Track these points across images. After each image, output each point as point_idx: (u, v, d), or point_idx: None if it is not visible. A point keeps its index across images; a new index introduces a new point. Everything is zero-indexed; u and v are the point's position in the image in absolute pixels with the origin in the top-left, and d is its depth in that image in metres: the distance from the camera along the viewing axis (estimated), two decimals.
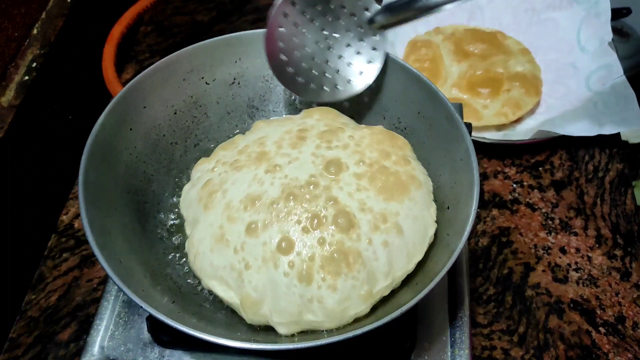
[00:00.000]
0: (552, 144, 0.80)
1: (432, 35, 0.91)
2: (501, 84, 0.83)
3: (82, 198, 0.47)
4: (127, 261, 0.48)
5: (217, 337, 0.41)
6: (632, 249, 0.71)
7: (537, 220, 0.74)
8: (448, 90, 0.85)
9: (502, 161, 0.80)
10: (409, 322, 0.55)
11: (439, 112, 0.55)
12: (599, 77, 0.82)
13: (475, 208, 0.47)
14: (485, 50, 0.87)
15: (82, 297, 0.67)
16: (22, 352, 0.63)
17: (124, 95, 0.55)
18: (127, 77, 0.92)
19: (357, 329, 0.41)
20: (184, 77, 0.60)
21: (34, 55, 0.70)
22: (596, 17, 0.85)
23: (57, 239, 0.73)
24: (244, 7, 1.03)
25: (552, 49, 0.88)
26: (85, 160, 0.49)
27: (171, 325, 0.41)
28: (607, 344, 0.63)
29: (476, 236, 0.72)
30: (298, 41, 0.56)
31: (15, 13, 0.68)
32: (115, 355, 0.54)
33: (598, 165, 0.79)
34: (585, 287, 0.68)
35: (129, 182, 0.55)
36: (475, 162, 0.50)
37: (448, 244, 0.48)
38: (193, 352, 0.54)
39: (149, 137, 0.58)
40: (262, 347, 0.42)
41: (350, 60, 0.58)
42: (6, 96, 0.66)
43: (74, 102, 0.77)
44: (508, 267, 0.69)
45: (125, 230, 0.52)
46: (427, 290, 0.43)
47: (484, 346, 0.63)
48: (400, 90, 0.59)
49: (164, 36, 0.98)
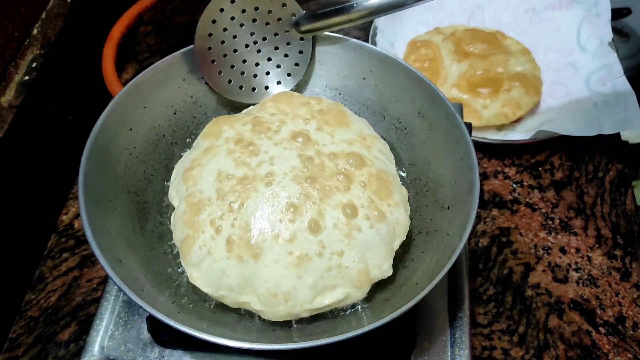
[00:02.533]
0: (552, 144, 0.80)
1: (432, 35, 0.91)
2: (501, 84, 0.83)
3: (82, 198, 0.47)
4: (127, 261, 0.48)
5: (217, 337, 0.41)
6: (632, 249, 0.71)
7: (537, 220, 0.74)
8: (448, 90, 0.85)
9: (502, 161, 0.80)
10: (409, 322, 0.55)
11: (439, 112, 0.55)
12: (599, 77, 0.82)
13: (475, 208, 0.47)
14: (485, 50, 0.87)
15: (82, 297, 0.67)
16: (22, 352, 0.63)
17: (124, 95, 0.55)
18: (127, 77, 0.92)
19: (357, 329, 0.41)
20: (184, 77, 0.60)
21: (34, 55, 0.70)
22: (596, 17, 0.85)
23: (57, 239, 0.73)
24: None
25: (552, 49, 0.88)
26: (85, 160, 0.49)
27: (171, 325, 0.41)
28: (607, 344, 0.63)
29: (476, 236, 0.72)
30: (227, 44, 0.58)
31: (15, 13, 0.68)
32: (115, 355, 0.54)
33: (598, 165, 0.79)
34: (585, 287, 0.68)
35: (129, 182, 0.55)
36: (475, 162, 0.50)
37: (448, 244, 0.48)
38: (193, 352, 0.54)
39: (149, 137, 0.58)
40: (262, 347, 0.42)
41: (279, 62, 0.61)
42: (6, 96, 0.66)
43: (74, 102, 0.77)
44: (508, 267, 0.69)
45: (125, 230, 0.52)
46: (427, 290, 0.43)
47: (484, 346, 0.63)
48: (400, 90, 0.59)
49: (164, 36, 0.98)
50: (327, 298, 0.48)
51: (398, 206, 0.50)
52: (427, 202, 0.56)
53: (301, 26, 0.59)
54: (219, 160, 0.52)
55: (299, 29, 0.59)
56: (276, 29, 0.59)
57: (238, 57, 0.59)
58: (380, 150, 0.55)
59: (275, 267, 0.46)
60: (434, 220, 0.54)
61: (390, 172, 0.53)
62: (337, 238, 0.47)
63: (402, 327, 0.54)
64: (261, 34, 0.59)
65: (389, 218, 0.49)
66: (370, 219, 0.48)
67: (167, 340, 0.54)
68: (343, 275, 0.47)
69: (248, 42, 0.59)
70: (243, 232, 0.47)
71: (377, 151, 0.54)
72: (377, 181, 0.51)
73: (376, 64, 0.60)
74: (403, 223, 0.51)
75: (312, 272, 0.46)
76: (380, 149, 0.55)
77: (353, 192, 0.49)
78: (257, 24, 0.58)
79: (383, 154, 0.55)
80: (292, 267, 0.46)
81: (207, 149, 0.54)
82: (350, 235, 0.47)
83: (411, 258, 0.53)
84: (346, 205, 0.48)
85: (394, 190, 0.51)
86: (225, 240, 0.47)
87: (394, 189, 0.51)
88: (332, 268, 0.47)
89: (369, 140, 0.55)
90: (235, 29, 0.58)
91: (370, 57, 0.60)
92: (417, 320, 0.55)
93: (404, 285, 0.50)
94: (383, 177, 0.51)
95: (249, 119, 0.56)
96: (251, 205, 0.48)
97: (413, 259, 0.53)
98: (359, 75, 0.61)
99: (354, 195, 0.49)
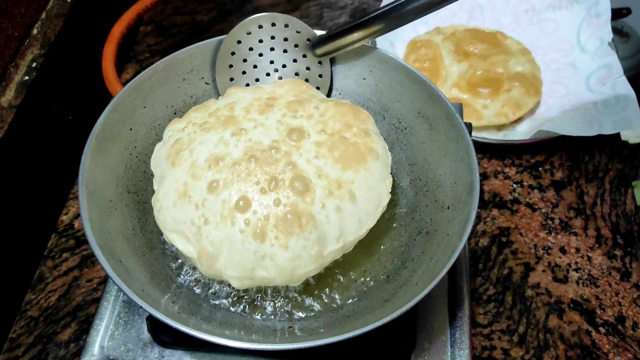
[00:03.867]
0: (552, 144, 0.80)
1: (432, 35, 0.91)
2: (501, 84, 0.83)
3: (82, 198, 0.47)
4: (127, 261, 0.48)
5: (217, 337, 0.41)
6: (632, 249, 0.71)
7: (537, 220, 0.74)
8: (448, 90, 0.85)
9: (502, 161, 0.80)
10: (409, 322, 0.55)
11: (439, 112, 0.55)
12: (599, 77, 0.82)
13: (475, 208, 0.47)
14: (485, 50, 0.87)
15: (82, 297, 0.67)
16: (22, 352, 0.63)
17: (124, 95, 0.55)
18: (127, 77, 0.92)
19: (357, 329, 0.41)
20: (184, 77, 0.60)
21: (34, 55, 0.70)
22: (596, 17, 0.85)
23: (57, 239, 0.73)
24: (244, 7, 1.03)
25: (552, 49, 0.88)
26: (85, 160, 0.49)
27: (171, 325, 0.41)
28: (607, 344, 0.63)
29: (476, 236, 0.72)
30: (249, 74, 0.60)
31: (15, 13, 0.68)
32: (115, 355, 0.54)
33: (598, 165, 0.79)
34: (585, 287, 0.68)
35: (129, 182, 0.55)
36: (475, 162, 0.50)
37: (448, 244, 0.48)
38: (193, 352, 0.54)
39: (149, 137, 0.58)
40: (262, 347, 0.42)
41: None
42: (6, 96, 0.66)
43: (74, 102, 0.77)
44: (508, 267, 0.69)
45: (125, 230, 0.52)
46: (427, 290, 0.43)
47: (484, 346, 0.63)
48: (400, 90, 0.59)
49: (164, 36, 0.98)
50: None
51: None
52: (427, 202, 0.56)
53: (317, 49, 0.59)
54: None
55: (316, 52, 0.59)
56: (294, 56, 0.60)
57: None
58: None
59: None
60: (434, 220, 0.54)
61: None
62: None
63: (402, 327, 0.54)
64: (280, 62, 0.60)
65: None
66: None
67: (167, 340, 0.54)
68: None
69: (269, 71, 0.61)
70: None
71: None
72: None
73: (376, 64, 0.60)
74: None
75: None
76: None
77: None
78: (275, 52, 0.60)
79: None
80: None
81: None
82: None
83: (411, 258, 0.53)
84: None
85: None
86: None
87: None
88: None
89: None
90: (255, 58, 0.60)
91: (370, 57, 0.60)
92: (417, 320, 0.55)
93: (404, 285, 0.50)
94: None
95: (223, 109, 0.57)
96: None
97: (413, 259, 0.53)
98: (359, 75, 0.61)
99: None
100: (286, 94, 0.57)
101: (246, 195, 0.47)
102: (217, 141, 0.51)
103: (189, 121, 0.55)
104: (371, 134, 0.54)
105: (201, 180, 0.49)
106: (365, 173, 0.50)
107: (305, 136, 0.51)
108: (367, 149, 0.52)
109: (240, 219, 0.47)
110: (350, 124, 0.53)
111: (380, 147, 0.53)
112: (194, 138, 0.52)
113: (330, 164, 0.50)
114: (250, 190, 0.48)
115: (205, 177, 0.49)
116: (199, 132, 0.53)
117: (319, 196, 0.48)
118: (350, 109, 0.55)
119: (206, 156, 0.50)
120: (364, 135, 0.53)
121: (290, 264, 0.47)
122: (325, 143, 0.51)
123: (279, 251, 0.46)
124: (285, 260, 0.47)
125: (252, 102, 0.55)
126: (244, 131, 0.52)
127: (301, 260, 0.47)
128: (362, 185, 0.50)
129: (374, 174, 0.51)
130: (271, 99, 0.56)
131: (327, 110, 0.54)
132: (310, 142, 0.51)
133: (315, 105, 0.55)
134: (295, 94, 0.57)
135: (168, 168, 0.52)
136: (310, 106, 0.54)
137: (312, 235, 0.47)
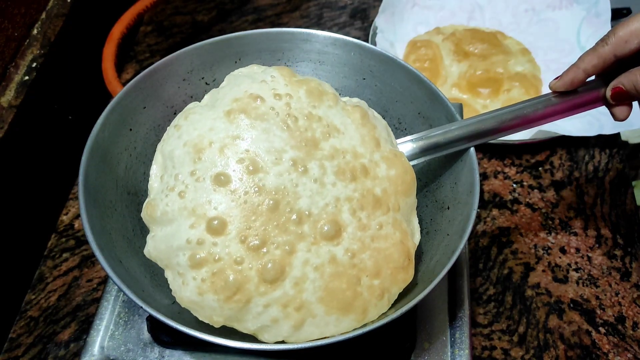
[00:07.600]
0: (552, 144, 0.80)
1: (432, 35, 0.91)
2: (501, 84, 0.83)
3: (82, 198, 0.47)
4: (127, 261, 0.48)
5: (217, 337, 0.41)
6: (632, 249, 0.71)
7: (537, 220, 0.74)
8: (448, 90, 0.85)
9: (502, 161, 0.80)
10: (409, 322, 0.55)
11: (439, 112, 0.55)
12: None
13: (475, 208, 0.47)
14: (485, 50, 0.87)
15: (82, 297, 0.67)
16: (22, 352, 0.63)
17: (124, 95, 0.55)
18: (127, 77, 0.92)
19: (357, 329, 0.41)
20: (184, 77, 0.60)
21: (34, 55, 0.70)
22: (596, 17, 0.85)
23: (57, 239, 0.73)
24: (244, 7, 1.03)
25: (552, 49, 0.88)
26: (85, 160, 0.49)
27: (171, 325, 0.41)
28: (607, 344, 0.63)
29: (476, 236, 0.72)
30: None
31: (15, 13, 0.68)
32: (115, 355, 0.54)
33: (598, 165, 0.79)
34: (585, 287, 0.68)
35: (129, 182, 0.55)
36: (475, 162, 0.50)
37: (448, 244, 0.48)
38: (193, 352, 0.54)
39: (149, 138, 0.58)
40: (262, 347, 0.42)
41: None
42: (6, 96, 0.66)
43: (74, 102, 0.77)
44: (508, 267, 0.70)
45: (126, 230, 0.52)
46: (428, 290, 0.43)
47: (484, 346, 0.63)
48: (400, 90, 0.59)
49: (164, 36, 0.98)
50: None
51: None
52: (427, 202, 0.56)
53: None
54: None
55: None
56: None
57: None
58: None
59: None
60: (434, 220, 0.54)
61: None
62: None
63: (402, 327, 0.54)
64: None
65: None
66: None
67: (167, 340, 0.54)
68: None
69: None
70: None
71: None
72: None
73: (376, 64, 0.60)
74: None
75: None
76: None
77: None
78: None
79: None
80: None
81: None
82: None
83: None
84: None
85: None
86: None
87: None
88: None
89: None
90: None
91: (370, 57, 0.60)
92: (417, 320, 0.55)
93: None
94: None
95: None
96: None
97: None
98: (359, 75, 0.61)
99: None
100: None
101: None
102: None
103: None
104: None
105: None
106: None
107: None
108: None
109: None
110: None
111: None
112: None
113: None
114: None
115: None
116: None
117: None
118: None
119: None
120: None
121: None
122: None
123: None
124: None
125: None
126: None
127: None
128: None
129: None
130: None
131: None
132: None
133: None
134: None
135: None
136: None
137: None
